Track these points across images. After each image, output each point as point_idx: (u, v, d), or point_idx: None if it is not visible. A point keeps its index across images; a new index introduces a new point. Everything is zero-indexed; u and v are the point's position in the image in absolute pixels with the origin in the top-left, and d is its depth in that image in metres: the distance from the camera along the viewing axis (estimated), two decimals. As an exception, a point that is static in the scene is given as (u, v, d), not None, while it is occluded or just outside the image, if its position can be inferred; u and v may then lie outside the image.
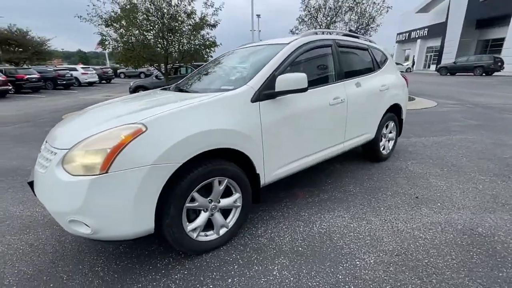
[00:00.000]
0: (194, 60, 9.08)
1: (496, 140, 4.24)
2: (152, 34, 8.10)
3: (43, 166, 1.54)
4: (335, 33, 3.12)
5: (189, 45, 8.52)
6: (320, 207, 2.41)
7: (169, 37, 8.19)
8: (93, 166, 1.36)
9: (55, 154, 1.48)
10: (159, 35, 8.06)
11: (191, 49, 8.52)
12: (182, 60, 8.74)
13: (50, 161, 1.49)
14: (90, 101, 10.20)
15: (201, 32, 8.64)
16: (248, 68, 2.31)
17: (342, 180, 2.97)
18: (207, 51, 8.84)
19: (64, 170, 1.41)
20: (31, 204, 2.56)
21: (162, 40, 8.16)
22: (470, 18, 26.22)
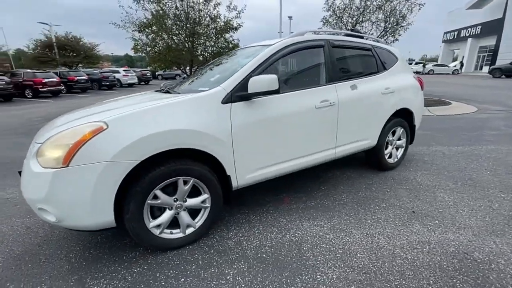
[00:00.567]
0: (218, 63, 9.34)
1: (537, 153, 3.65)
2: (178, 38, 8.53)
3: (27, 158, 1.71)
4: (339, 33, 2.97)
5: (213, 48, 8.80)
6: (302, 215, 2.30)
7: (194, 41, 8.55)
8: (57, 160, 1.48)
9: (34, 147, 1.64)
10: (185, 39, 8.46)
11: (214, 52, 8.79)
12: (206, 63, 9.07)
13: (31, 153, 1.65)
14: (124, 101, 11.01)
15: (225, 35, 8.88)
16: (230, 70, 2.31)
17: (337, 188, 2.80)
18: (230, 54, 9.04)
19: (37, 162, 1.55)
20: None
21: (188, 44, 8.55)
22: (534, 13, 22.95)
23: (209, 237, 2.02)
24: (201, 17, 8.32)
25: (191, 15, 8.16)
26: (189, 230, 1.91)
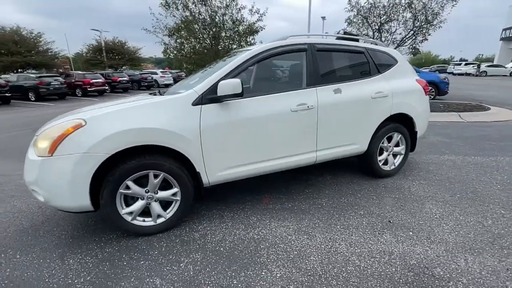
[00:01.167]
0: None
1: None
2: (203, 41, 8.97)
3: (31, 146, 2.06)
4: (332, 37, 2.94)
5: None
6: (274, 215, 2.36)
7: (219, 43, 8.92)
8: (45, 150, 1.77)
9: (33, 139, 1.97)
10: (210, 42, 8.87)
11: (237, 54, 9.06)
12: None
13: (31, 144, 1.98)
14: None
15: (248, 38, 9.10)
16: (211, 73, 2.45)
17: (321, 192, 2.78)
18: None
19: (33, 151, 1.87)
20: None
21: (212, 46, 8.94)
22: None
23: (180, 228, 2.19)
24: (225, 21, 8.65)
25: (215, 20, 8.52)
26: (160, 220, 2.10)
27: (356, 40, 2.97)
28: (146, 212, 2.08)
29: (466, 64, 28.21)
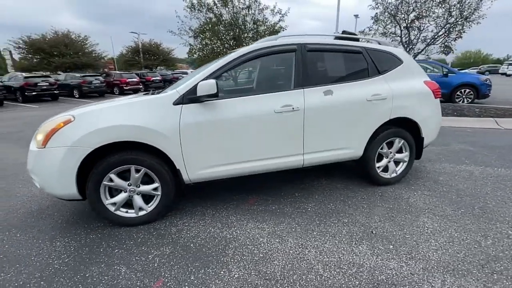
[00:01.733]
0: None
1: None
2: (226, 42, 9.17)
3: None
4: (329, 36, 2.84)
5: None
6: (254, 216, 2.35)
7: (241, 44, 9.05)
8: (40, 142, 1.98)
9: (36, 131, 2.21)
10: (231, 43, 9.05)
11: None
12: (250, 65, 9.46)
13: None
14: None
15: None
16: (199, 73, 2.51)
17: (310, 197, 2.71)
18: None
19: (34, 143, 2.10)
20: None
21: (233, 48, 9.11)
22: None
23: (161, 221, 2.29)
24: (246, 22, 8.75)
25: (237, 21, 8.66)
26: (142, 212, 2.22)
27: (356, 40, 2.83)
28: (130, 205, 2.21)
29: (511, 65, 24.89)
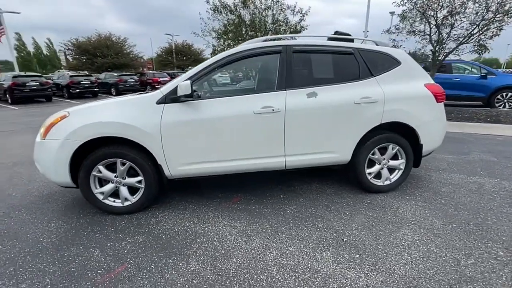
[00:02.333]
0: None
1: None
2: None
3: None
4: (322, 38, 2.78)
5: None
6: (231, 214, 2.41)
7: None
8: (41, 134, 2.26)
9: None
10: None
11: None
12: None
13: None
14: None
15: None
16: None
17: (293, 200, 2.68)
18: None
19: (39, 135, 2.39)
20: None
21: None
22: None
23: (145, 212, 2.46)
24: (266, 23, 8.78)
25: (255, 22, 8.73)
26: (127, 203, 2.40)
27: (350, 41, 2.73)
28: (118, 195, 2.41)
29: None
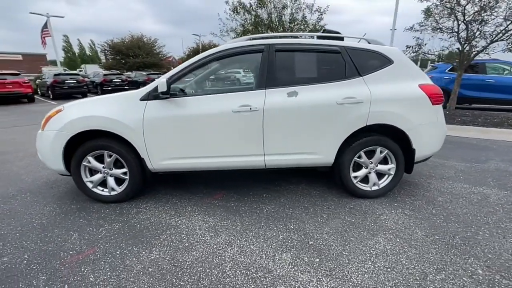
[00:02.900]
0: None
1: None
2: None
3: None
4: (312, 36, 2.72)
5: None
6: (208, 210, 2.46)
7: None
8: (41, 126, 2.50)
9: None
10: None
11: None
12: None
13: None
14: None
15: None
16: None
17: (275, 199, 2.66)
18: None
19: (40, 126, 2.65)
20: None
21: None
22: None
23: (130, 202, 2.61)
24: (284, 22, 8.71)
25: (272, 21, 8.71)
26: (114, 192, 2.57)
27: (340, 39, 2.63)
28: (106, 185, 2.59)
29: None
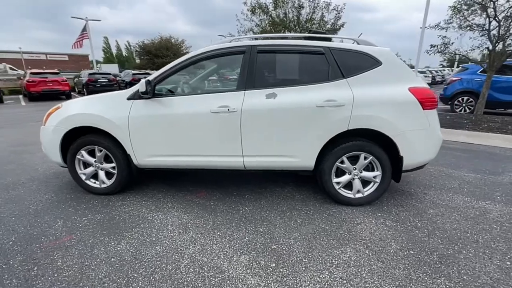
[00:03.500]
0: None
1: None
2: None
3: None
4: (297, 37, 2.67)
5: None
6: (187, 207, 2.53)
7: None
8: (43, 121, 2.75)
9: None
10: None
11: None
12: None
13: None
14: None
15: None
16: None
17: (255, 201, 2.65)
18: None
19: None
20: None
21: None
22: None
23: (118, 195, 2.76)
24: (300, 22, 8.58)
25: (291, 21, 8.62)
26: (104, 185, 2.74)
27: (327, 40, 2.55)
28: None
29: None
